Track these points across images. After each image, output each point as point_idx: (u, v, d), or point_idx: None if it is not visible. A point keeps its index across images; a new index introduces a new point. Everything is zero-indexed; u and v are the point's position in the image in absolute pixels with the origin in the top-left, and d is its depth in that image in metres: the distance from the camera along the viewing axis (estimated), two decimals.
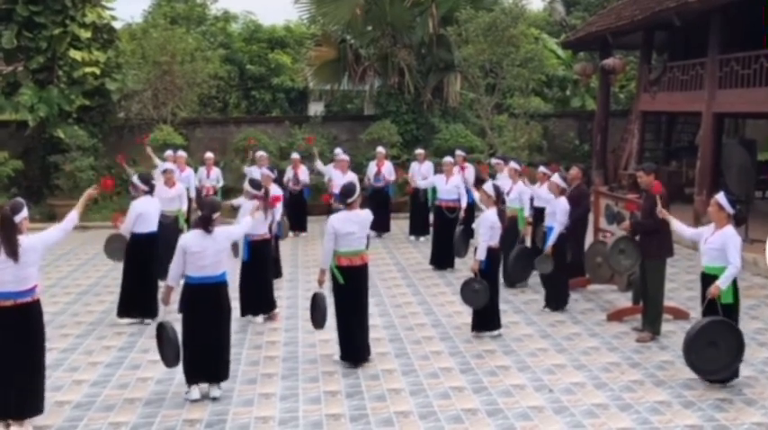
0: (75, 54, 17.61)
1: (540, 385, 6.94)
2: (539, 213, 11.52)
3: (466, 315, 9.30)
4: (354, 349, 7.47)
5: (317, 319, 7.53)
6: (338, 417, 6.25)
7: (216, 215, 6.67)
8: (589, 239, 10.58)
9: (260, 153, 14.51)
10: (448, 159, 12.92)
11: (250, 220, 7.50)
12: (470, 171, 14.08)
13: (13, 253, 5.76)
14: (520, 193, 10.53)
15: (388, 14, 18.88)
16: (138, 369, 7.44)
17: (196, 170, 14.44)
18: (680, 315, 8.89)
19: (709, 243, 6.91)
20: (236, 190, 16.38)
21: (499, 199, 8.41)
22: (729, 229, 6.83)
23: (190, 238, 6.64)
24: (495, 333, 8.40)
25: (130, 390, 6.89)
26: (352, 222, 7.37)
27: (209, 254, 6.54)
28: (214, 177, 14.59)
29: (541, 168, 11.73)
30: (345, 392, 6.78)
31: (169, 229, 9.85)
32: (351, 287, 7.40)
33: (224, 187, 15.17)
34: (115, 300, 9.22)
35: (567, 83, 24.95)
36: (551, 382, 7.00)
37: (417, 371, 7.31)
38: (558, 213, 9.25)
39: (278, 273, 10.66)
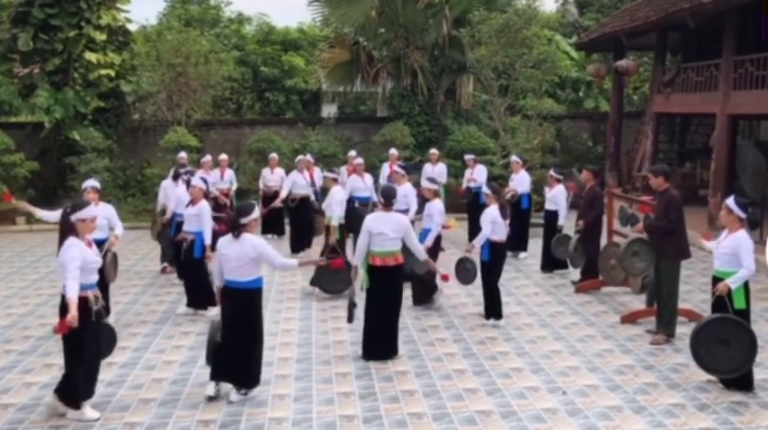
0: (91, 56, 17.76)
1: (554, 387, 6.93)
2: (552, 216, 11.56)
3: (480, 316, 9.33)
4: (383, 346, 7.67)
5: (349, 316, 7.82)
6: (351, 419, 6.27)
7: (246, 219, 6.59)
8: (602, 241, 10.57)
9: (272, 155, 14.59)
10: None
11: (289, 263, 6.97)
12: (482, 172, 14.10)
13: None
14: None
15: (401, 16, 18.91)
16: (153, 369, 7.49)
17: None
18: (694, 317, 8.84)
19: (722, 247, 6.90)
20: (251, 191, 16.54)
21: (500, 196, 9.15)
22: (741, 233, 6.81)
23: (221, 240, 6.74)
24: (500, 322, 8.95)
25: (145, 391, 6.94)
26: (386, 223, 7.63)
27: (232, 258, 6.54)
28: (228, 179, 14.65)
29: (551, 171, 11.76)
30: (359, 394, 6.80)
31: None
32: (382, 286, 7.63)
33: (238, 189, 15.26)
34: (124, 301, 9.27)
35: (581, 84, 24.89)
36: (565, 384, 6.99)
37: (431, 373, 7.32)
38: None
39: None
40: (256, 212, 6.75)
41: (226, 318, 6.67)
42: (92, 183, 8.92)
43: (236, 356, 6.61)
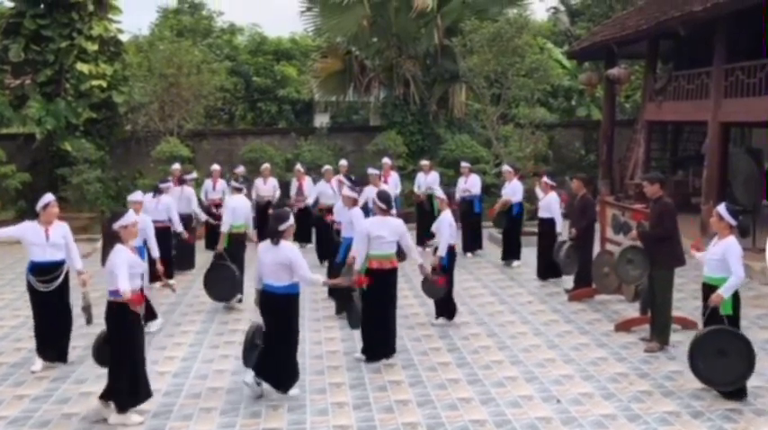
0: (83, 67, 17.75)
1: (548, 396, 6.91)
2: (546, 224, 11.56)
3: (474, 325, 9.32)
4: (381, 344, 7.86)
5: (353, 321, 7.91)
6: (346, 429, 6.23)
7: (283, 226, 6.75)
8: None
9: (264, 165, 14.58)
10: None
11: (314, 279, 7.03)
12: (476, 181, 14.11)
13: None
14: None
15: (394, 26, 18.97)
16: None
17: (202, 183, 14.47)
18: (688, 325, 8.85)
19: (711, 253, 6.92)
20: None
21: (452, 201, 9.52)
22: (731, 239, 6.83)
23: (261, 246, 6.93)
24: (452, 321, 9.29)
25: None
26: (384, 227, 7.84)
27: (268, 263, 6.74)
28: (220, 189, 14.55)
29: (544, 178, 11.78)
30: (353, 404, 6.76)
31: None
32: (379, 289, 7.77)
33: None
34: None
35: (573, 93, 24.98)
36: (559, 393, 6.97)
37: (425, 383, 7.29)
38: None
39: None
40: (292, 219, 6.91)
41: (262, 320, 6.89)
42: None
43: (272, 358, 6.79)
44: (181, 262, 12.23)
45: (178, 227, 11.15)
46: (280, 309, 6.79)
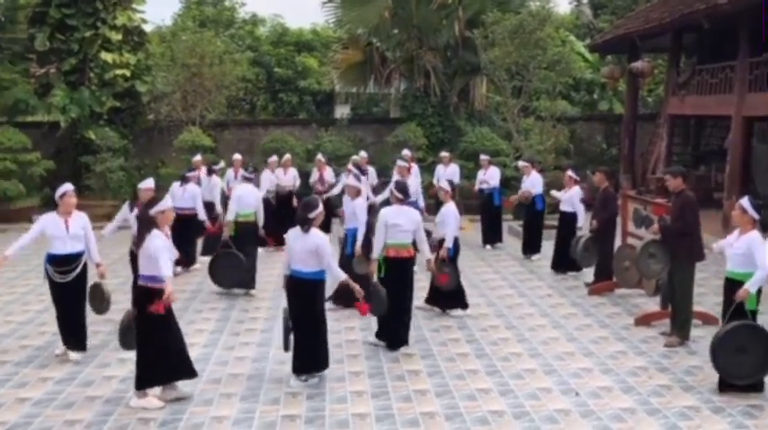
0: (106, 56, 17.90)
1: (567, 388, 6.92)
2: (567, 217, 11.52)
3: (493, 317, 9.34)
4: (394, 332, 7.95)
5: (377, 307, 7.85)
6: (364, 417, 6.28)
7: (313, 214, 6.85)
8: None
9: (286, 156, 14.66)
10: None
11: (338, 273, 7.05)
12: (495, 173, 14.09)
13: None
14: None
15: (415, 17, 18.93)
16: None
17: (224, 173, 14.58)
18: (709, 320, 8.80)
19: (734, 248, 6.84)
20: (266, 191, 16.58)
21: (455, 193, 9.66)
22: (754, 234, 6.76)
23: (290, 232, 7.01)
24: (464, 312, 9.35)
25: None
26: (400, 216, 7.95)
27: (297, 250, 6.85)
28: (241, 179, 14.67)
29: (569, 172, 11.73)
30: (371, 392, 6.81)
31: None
32: (396, 277, 7.89)
33: None
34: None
35: (595, 86, 24.82)
36: (578, 386, 6.97)
37: (443, 373, 7.32)
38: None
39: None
40: (321, 207, 7.03)
41: (289, 305, 6.98)
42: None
43: (301, 342, 6.90)
44: (206, 248, 12.34)
45: (203, 215, 11.33)
46: (307, 293, 6.89)
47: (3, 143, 17.00)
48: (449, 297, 9.38)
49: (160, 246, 6.30)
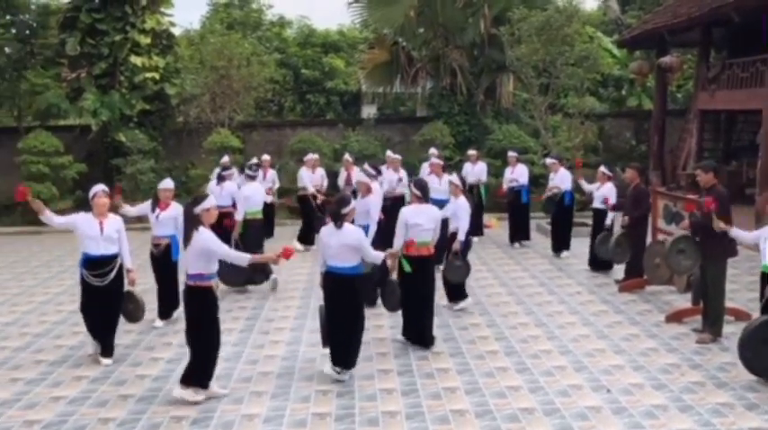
0: (136, 60, 18.13)
1: (598, 385, 6.88)
2: (600, 214, 11.44)
3: (522, 314, 9.31)
4: (418, 332, 7.99)
5: (392, 304, 8.03)
6: (394, 415, 6.30)
7: (346, 209, 6.95)
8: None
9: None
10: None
11: (379, 255, 7.21)
12: (523, 171, 14.02)
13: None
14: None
15: (441, 16, 18.91)
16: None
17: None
18: (742, 316, 8.70)
19: None
20: (292, 191, 16.70)
21: (465, 188, 9.71)
22: None
23: (324, 230, 7.10)
24: (466, 303, 9.49)
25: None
26: (420, 214, 7.94)
27: (333, 246, 6.90)
28: (270, 179, 14.81)
29: (602, 168, 11.65)
30: (401, 390, 6.83)
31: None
32: (417, 275, 7.91)
33: (280, 189, 15.43)
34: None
35: (623, 82, 24.60)
36: (609, 383, 6.93)
37: (473, 371, 7.32)
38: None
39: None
40: (353, 203, 7.14)
41: (327, 301, 7.06)
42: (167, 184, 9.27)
43: (336, 337, 6.97)
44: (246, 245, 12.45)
45: (241, 214, 11.31)
46: (345, 289, 6.94)
47: (36, 147, 17.30)
48: (453, 289, 9.48)
49: (209, 237, 6.43)
